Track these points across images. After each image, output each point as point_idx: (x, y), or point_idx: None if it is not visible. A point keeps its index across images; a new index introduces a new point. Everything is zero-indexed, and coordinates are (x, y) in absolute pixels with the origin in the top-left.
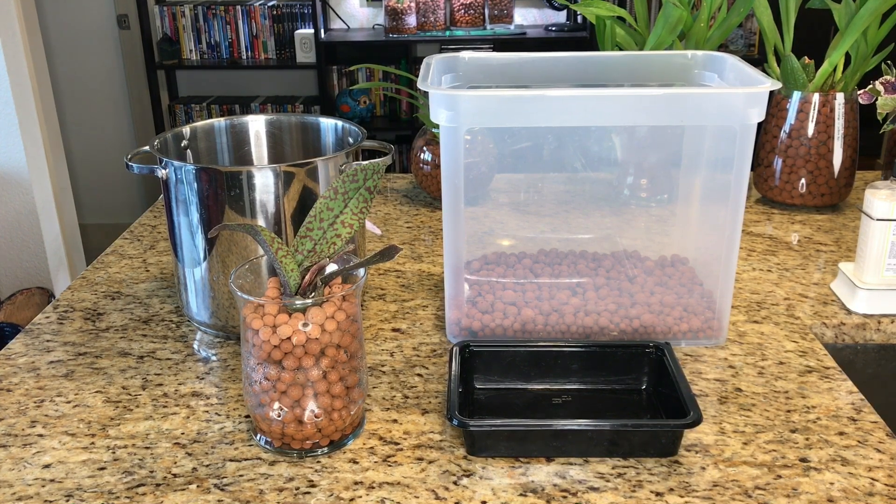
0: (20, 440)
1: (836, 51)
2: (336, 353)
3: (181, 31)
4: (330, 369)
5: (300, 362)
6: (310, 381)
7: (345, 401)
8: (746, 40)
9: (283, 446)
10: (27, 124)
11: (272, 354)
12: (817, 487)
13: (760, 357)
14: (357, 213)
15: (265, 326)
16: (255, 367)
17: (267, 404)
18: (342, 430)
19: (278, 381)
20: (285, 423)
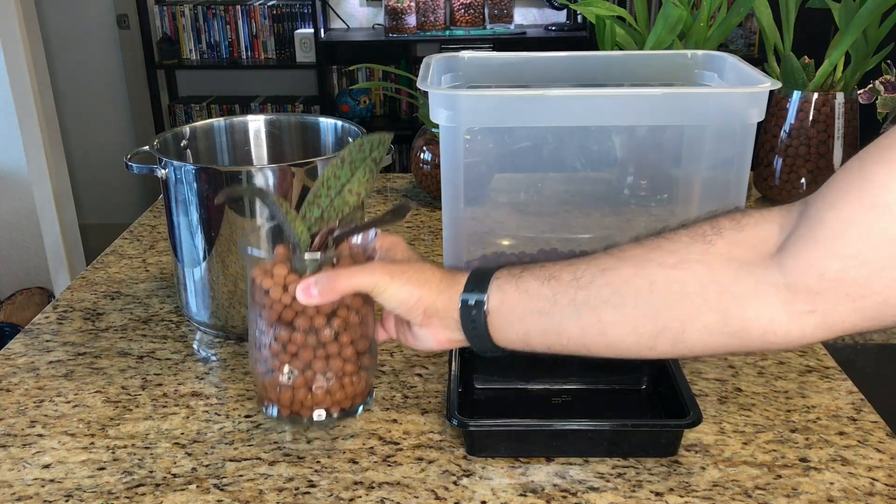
0: (20, 440)
1: (836, 50)
2: (347, 314)
3: (181, 30)
4: (342, 331)
5: (312, 322)
6: (321, 343)
7: (356, 365)
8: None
9: (293, 415)
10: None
11: (283, 315)
12: (817, 487)
13: (760, 357)
14: (364, 182)
15: (276, 286)
16: (264, 330)
17: (277, 368)
18: (352, 397)
19: (289, 342)
20: (295, 389)
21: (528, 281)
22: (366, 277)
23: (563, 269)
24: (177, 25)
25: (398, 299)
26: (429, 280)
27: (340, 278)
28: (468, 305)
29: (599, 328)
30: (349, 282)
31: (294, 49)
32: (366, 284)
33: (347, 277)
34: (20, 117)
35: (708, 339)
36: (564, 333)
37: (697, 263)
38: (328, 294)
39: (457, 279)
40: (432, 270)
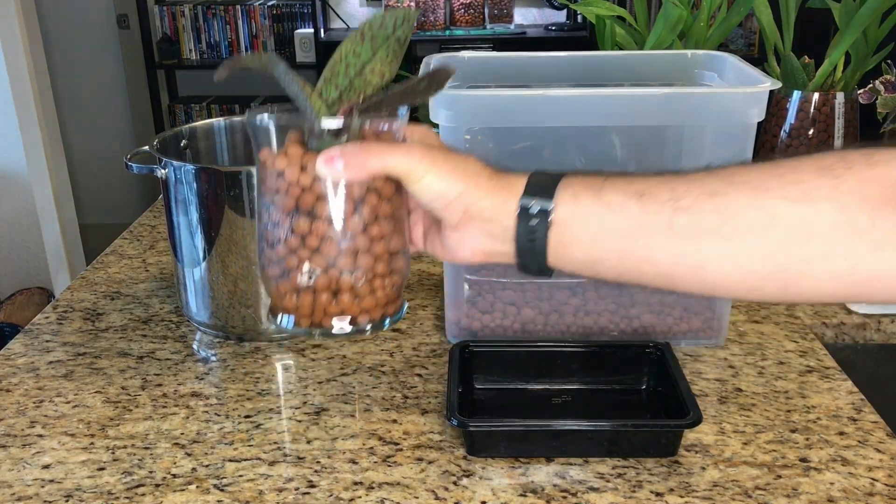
0: (19, 440)
1: (836, 50)
2: (378, 203)
3: (181, 30)
4: (372, 222)
5: (337, 209)
6: (348, 235)
7: (388, 266)
8: (746, 40)
9: (313, 325)
10: (27, 124)
11: (302, 200)
12: (817, 487)
13: (760, 357)
14: (387, 62)
15: (291, 165)
16: (279, 222)
17: (294, 268)
18: (383, 305)
19: (309, 234)
20: (317, 292)
21: (611, 194)
22: (402, 158)
23: (657, 185)
24: (177, 25)
25: (436, 191)
26: (476, 174)
27: (372, 153)
28: (528, 213)
29: (697, 260)
30: (382, 160)
31: (294, 49)
32: (401, 167)
33: (380, 154)
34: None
35: (827, 286)
36: (650, 261)
37: (826, 200)
38: (356, 169)
39: (511, 179)
40: (479, 164)
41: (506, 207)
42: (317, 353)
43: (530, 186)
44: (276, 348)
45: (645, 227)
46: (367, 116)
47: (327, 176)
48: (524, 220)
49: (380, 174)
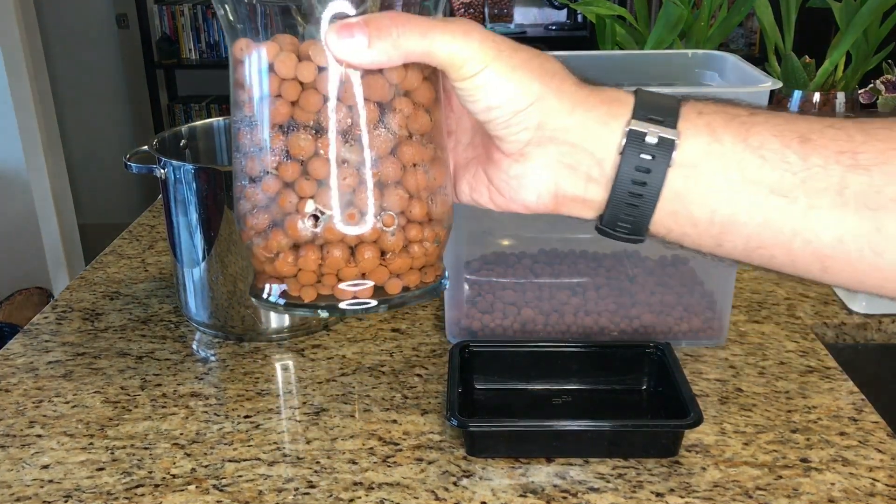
0: (18, 441)
1: (836, 50)
2: (412, 110)
3: (180, 30)
4: (404, 139)
5: (351, 116)
6: (371, 158)
7: (427, 208)
8: (747, 39)
9: (321, 298)
10: (25, 124)
11: (302, 105)
12: (818, 488)
13: (761, 357)
14: None
15: (285, 54)
16: (264, 145)
17: (291, 210)
18: (420, 269)
19: (313, 156)
20: (326, 245)
21: (763, 132)
22: (453, 38)
23: (825, 129)
24: (176, 25)
25: (499, 91)
26: (560, 76)
27: (410, 25)
28: (641, 141)
29: (873, 244)
30: (424, 36)
31: None
32: (451, 50)
33: (422, 28)
34: (19, 117)
35: None
36: (803, 236)
37: None
38: (386, 48)
39: (609, 92)
40: (559, 63)
41: (605, 130)
42: (316, 354)
43: (642, 104)
44: (276, 348)
45: (806, 185)
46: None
47: (343, 58)
48: (633, 153)
49: (419, 60)
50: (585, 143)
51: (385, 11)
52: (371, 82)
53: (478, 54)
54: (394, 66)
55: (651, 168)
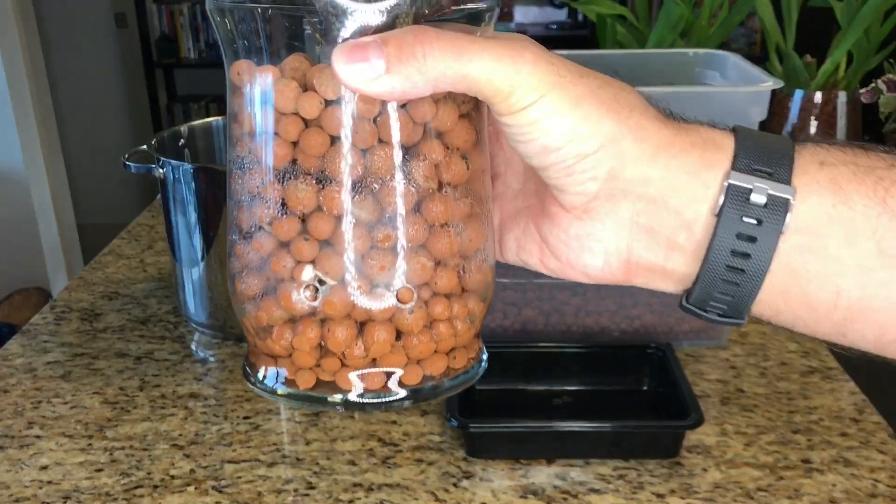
0: (17, 441)
1: (838, 49)
2: (446, 158)
3: (179, 29)
4: (430, 192)
5: (369, 163)
6: (387, 216)
7: (458, 278)
8: (748, 38)
9: (321, 386)
10: (24, 123)
11: (304, 147)
12: (819, 489)
13: (762, 357)
14: None
15: (283, 81)
16: (258, 193)
17: (286, 276)
18: (448, 353)
19: (317, 210)
20: (328, 324)
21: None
22: (497, 58)
23: None
24: (175, 24)
25: (565, 132)
26: (634, 108)
27: (440, 43)
28: (746, 201)
29: None
30: (458, 58)
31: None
32: (496, 76)
33: (455, 48)
34: (17, 117)
35: None
36: None
37: None
38: (411, 74)
39: (700, 131)
40: (634, 92)
41: (696, 184)
42: None
43: (745, 150)
44: None
45: None
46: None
47: (354, 87)
48: (733, 215)
49: (453, 88)
50: (670, 200)
51: (410, 27)
52: (391, 120)
53: (530, 81)
54: (420, 97)
55: (757, 236)
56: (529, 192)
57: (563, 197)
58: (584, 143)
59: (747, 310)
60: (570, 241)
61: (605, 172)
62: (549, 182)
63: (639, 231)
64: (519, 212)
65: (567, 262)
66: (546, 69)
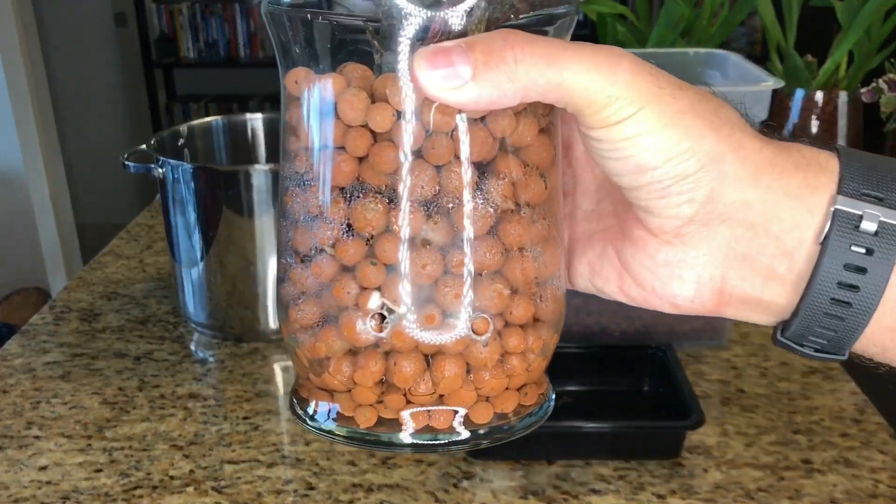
0: (16, 442)
1: (839, 48)
2: (524, 176)
3: (178, 29)
4: (509, 214)
5: (440, 180)
6: (462, 239)
7: (532, 307)
8: (749, 38)
9: (380, 426)
10: (23, 123)
11: (373, 163)
12: (820, 489)
13: (763, 358)
14: None
15: (351, 91)
16: (317, 213)
17: (349, 304)
18: (519, 389)
19: (385, 232)
20: (394, 357)
21: None
22: (594, 66)
23: None
24: (174, 24)
25: (664, 150)
26: (735, 124)
27: (532, 48)
28: (855, 228)
29: None
30: (551, 65)
31: None
32: (593, 85)
33: (548, 53)
34: (16, 116)
35: None
36: None
37: None
38: (497, 80)
39: (801, 151)
40: (732, 109)
41: (800, 209)
42: None
43: (852, 172)
44: (275, 349)
45: None
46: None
47: (436, 96)
48: (840, 244)
49: (542, 98)
50: (770, 226)
51: (499, 30)
52: (469, 134)
53: (628, 92)
54: (504, 108)
55: (867, 267)
56: (605, 213)
57: (652, 220)
58: (685, 163)
59: (850, 346)
60: (658, 269)
61: (704, 195)
62: (637, 203)
63: (735, 259)
64: (592, 234)
65: (652, 291)
66: (646, 80)
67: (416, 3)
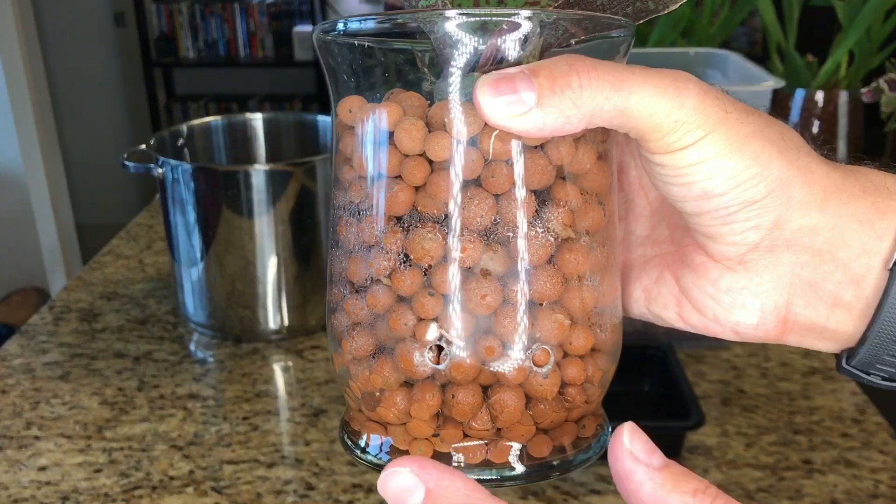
0: (16, 442)
1: (839, 48)
2: (583, 203)
3: (178, 28)
4: (569, 243)
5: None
6: (522, 269)
7: (591, 337)
8: (749, 38)
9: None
10: (22, 123)
11: (431, 192)
12: (821, 489)
13: (763, 358)
14: None
15: (409, 120)
16: (375, 240)
17: (405, 335)
18: (577, 421)
19: (443, 262)
20: (451, 390)
21: None
22: (660, 90)
23: None
24: (174, 23)
25: (732, 175)
26: (801, 149)
27: (598, 73)
28: None
29: None
30: (618, 90)
31: (292, 47)
32: (659, 109)
33: (614, 77)
34: (16, 116)
35: None
36: None
37: None
38: (562, 106)
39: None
40: (793, 131)
41: (868, 234)
42: (315, 355)
43: None
44: (275, 349)
45: None
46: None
47: (499, 123)
48: None
49: (607, 124)
50: (838, 252)
51: (562, 55)
52: (527, 162)
53: (695, 116)
54: (568, 134)
55: None
56: (660, 239)
57: (714, 247)
58: (753, 189)
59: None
60: (720, 296)
61: (771, 221)
62: (699, 229)
63: (800, 286)
64: (647, 261)
65: (714, 319)
66: (712, 104)
67: (468, 31)
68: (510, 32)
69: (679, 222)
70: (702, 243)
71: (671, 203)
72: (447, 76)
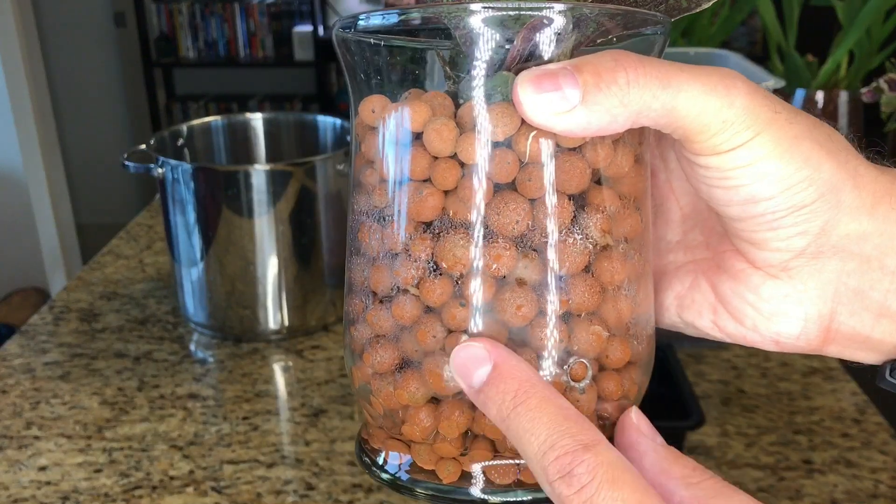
0: (16, 442)
1: (839, 48)
2: (621, 208)
3: (178, 28)
4: (606, 250)
5: (535, 215)
6: (557, 277)
7: (628, 348)
8: (749, 37)
9: (464, 479)
10: (22, 123)
11: (462, 197)
12: (821, 489)
13: (764, 358)
14: None
15: (439, 120)
16: (401, 247)
17: (434, 348)
18: (614, 436)
19: (474, 271)
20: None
21: None
22: (709, 88)
23: None
24: (174, 23)
25: (782, 179)
26: (849, 151)
27: (645, 69)
28: None
29: None
30: (666, 87)
31: (292, 47)
32: (707, 108)
33: (662, 74)
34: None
35: None
36: None
37: None
38: (608, 104)
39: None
40: (838, 132)
41: None
42: (315, 355)
43: None
44: (275, 349)
45: None
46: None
47: (542, 123)
48: None
49: (653, 123)
50: (886, 259)
51: (608, 50)
52: (565, 164)
53: (745, 117)
54: (610, 134)
55: None
56: (694, 245)
57: (757, 253)
58: (802, 192)
59: None
60: (761, 304)
61: (819, 226)
62: (742, 235)
63: (846, 294)
64: (679, 267)
65: (753, 328)
66: (762, 103)
67: (495, 27)
68: (543, 28)
69: (715, 227)
70: (742, 249)
71: (713, 207)
72: (475, 75)
